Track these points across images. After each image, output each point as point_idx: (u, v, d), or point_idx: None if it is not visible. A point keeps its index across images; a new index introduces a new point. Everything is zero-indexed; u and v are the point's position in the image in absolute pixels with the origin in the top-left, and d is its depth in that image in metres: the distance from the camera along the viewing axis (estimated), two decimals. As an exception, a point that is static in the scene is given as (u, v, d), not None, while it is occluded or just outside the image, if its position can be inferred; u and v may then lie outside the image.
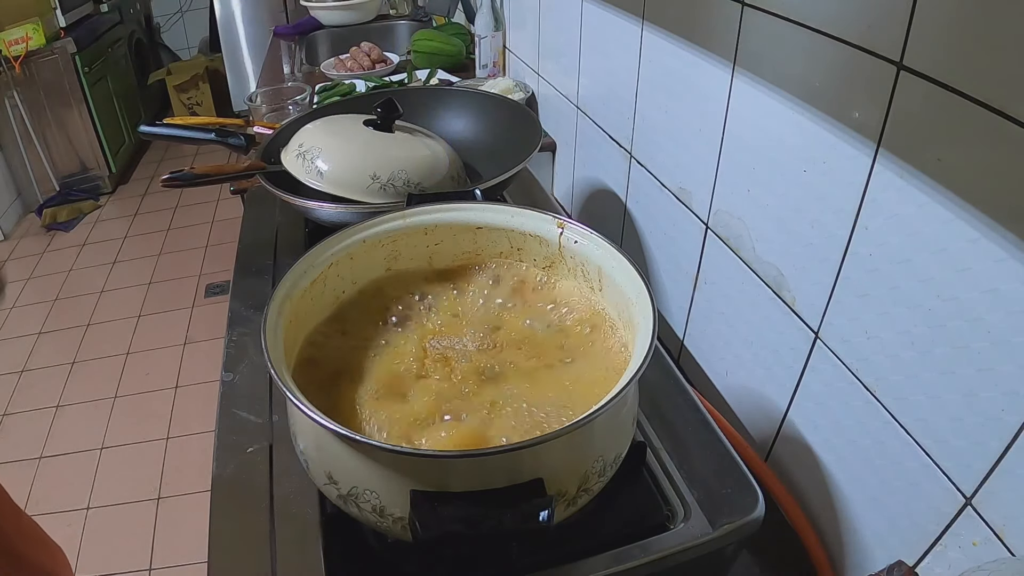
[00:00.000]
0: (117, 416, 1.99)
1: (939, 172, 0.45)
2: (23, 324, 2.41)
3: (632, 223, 0.99)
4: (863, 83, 0.51)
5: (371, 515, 0.45)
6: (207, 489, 0.58)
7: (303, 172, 0.80)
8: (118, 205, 3.17)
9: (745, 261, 0.71)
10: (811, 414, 0.64)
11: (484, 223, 0.63)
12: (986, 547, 0.46)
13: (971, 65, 0.42)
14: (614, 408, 0.43)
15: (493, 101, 1.02)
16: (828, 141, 0.56)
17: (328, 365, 0.56)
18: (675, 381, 0.65)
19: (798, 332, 0.64)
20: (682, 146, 0.81)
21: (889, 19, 0.47)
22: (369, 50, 1.75)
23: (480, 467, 0.43)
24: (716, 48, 0.70)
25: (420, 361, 0.57)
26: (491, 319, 0.61)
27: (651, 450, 0.59)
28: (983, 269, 0.43)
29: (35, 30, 2.77)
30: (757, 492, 0.54)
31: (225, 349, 0.74)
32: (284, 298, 0.53)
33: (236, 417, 0.65)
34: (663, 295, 0.92)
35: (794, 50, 0.58)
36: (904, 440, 0.52)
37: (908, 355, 0.51)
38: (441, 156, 0.84)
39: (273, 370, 0.44)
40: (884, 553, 0.57)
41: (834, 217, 0.56)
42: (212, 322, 2.32)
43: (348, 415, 0.52)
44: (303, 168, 0.80)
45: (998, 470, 0.44)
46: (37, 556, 0.66)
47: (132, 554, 1.57)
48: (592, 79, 1.07)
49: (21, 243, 2.92)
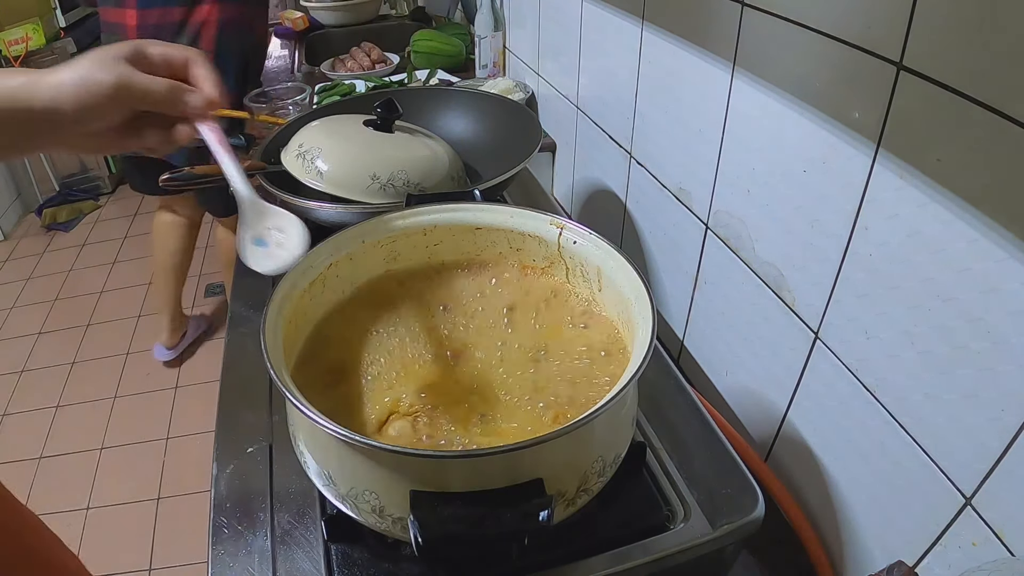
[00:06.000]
0: (117, 416, 1.99)
1: (939, 172, 0.45)
2: (23, 324, 2.41)
3: (632, 223, 0.99)
4: (863, 83, 0.51)
5: (371, 515, 0.45)
6: (207, 489, 0.58)
7: (303, 172, 0.80)
8: (118, 205, 3.17)
9: (745, 261, 0.71)
10: (811, 414, 0.64)
11: (483, 223, 0.63)
12: (986, 547, 0.46)
13: (971, 65, 0.42)
14: (613, 408, 0.43)
15: (493, 101, 1.02)
16: (828, 141, 0.56)
17: (328, 365, 0.56)
18: (675, 381, 0.65)
19: (798, 332, 0.64)
20: (682, 146, 0.81)
21: (889, 19, 0.47)
22: (369, 50, 1.75)
23: (480, 467, 0.43)
24: (716, 48, 0.70)
25: (420, 361, 0.57)
26: (491, 319, 0.61)
27: (651, 450, 0.59)
28: (983, 269, 0.43)
29: (35, 30, 2.76)
30: (757, 492, 0.54)
31: (225, 349, 0.74)
32: (284, 298, 0.53)
33: (236, 417, 0.65)
34: (663, 295, 0.92)
35: (794, 50, 0.58)
36: (904, 440, 0.52)
37: (908, 355, 0.51)
38: (441, 156, 0.84)
39: (273, 370, 0.44)
40: (884, 553, 0.57)
41: (834, 217, 0.56)
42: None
43: (348, 415, 0.52)
44: (303, 168, 0.80)
45: (998, 470, 0.44)
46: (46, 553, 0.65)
47: (132, 554, 1.57)
48: (592, 79, 1.07)
49: (21, 243, 2.91)
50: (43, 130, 0.48)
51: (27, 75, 0.47)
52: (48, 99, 0.47)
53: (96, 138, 0.51)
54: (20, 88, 0.47)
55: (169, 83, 0.51)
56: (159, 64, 0.51)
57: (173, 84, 0.51)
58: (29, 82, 0.47)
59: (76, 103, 0.47)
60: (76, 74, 0.47)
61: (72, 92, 0.47)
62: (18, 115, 0.47)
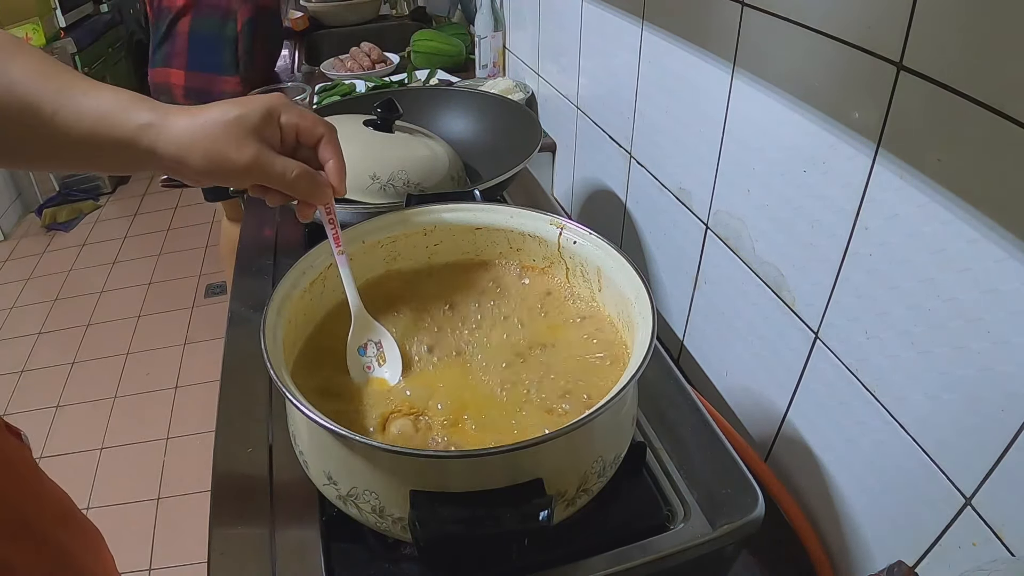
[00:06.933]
0: (117, 416, 1.99)
1: (939, 172, 0.45)
2: (23, 324, 2.41)
3: (632, 223, 0.99)
4: (863, 83, 0.51)
5: (371, 515, 0.45)
6: (207, 489, 0.58)
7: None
8: (118, 205, 3.17)
9: (745, 261, 0.71)
10: (811, 414, 0.64)
11: (483, 223, 0.63)
12: (986, 547, 0.46)
13: (971, 65, 0.42)
14: (613, 408, 0.43)
15: (493, 101, 1.02)
16: (828, 141, 0.56)
17: (328, 365, 0.56)
18: (675, 381, 0.65)
19: (798, 332, 0.64)
20: (682, 146, 0.81)
21: (889, 19, 0.47)
22: (369, 50, 1.75)
23: (480, 467, 0.43)
24: (716, 48, 0.70)
25: (420, 361, 0.57)
26: (491, 319, 0.61)
27: (651, 450, 0.59)
28: (983, 269, 0.43)
29: (35, 30, 2.76)
30: (757, 492, 0.54)
31: (225, 349, 0.74)
32: (284, 298, 0.53)
33: (236, 417, 0.65)
34: (663, 295, 0.92)
35: (794, 50, 0.58)
36: (904, 440, 0.52)
37: (908, 355, 0.51)
38: (441, 156, 0.84)
39: (272, 371, 0.44)
40: (884, 553, 0.57)
41: (834, 217, 0.56)
42: (212, 322, 2.32)
43: (348, 416, 0.52)
44: (303, 168, 0.80)
45: (998, 470, 0.44)
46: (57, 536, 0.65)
47: (132, 554, 1.57)
48: (592, 79, 1.07)
49: (21, 243, 2.91)
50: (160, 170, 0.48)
51: (150, 113, 0.46)
52: (174, 153, 0.46)
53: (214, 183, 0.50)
54: (143, 131, 0.46)
55: (302, 171, 0.49)
56: (287, 134, 0.50)
57: (306, 173, 0.50)
58: (156, 123, 0.46)
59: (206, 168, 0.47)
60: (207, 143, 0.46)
61: (202, 159, 0.46)
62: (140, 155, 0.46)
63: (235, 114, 0.47)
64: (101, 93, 0.46)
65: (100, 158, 0.48)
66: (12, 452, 0.63)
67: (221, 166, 0.47)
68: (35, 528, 0.62)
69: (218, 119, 0.47)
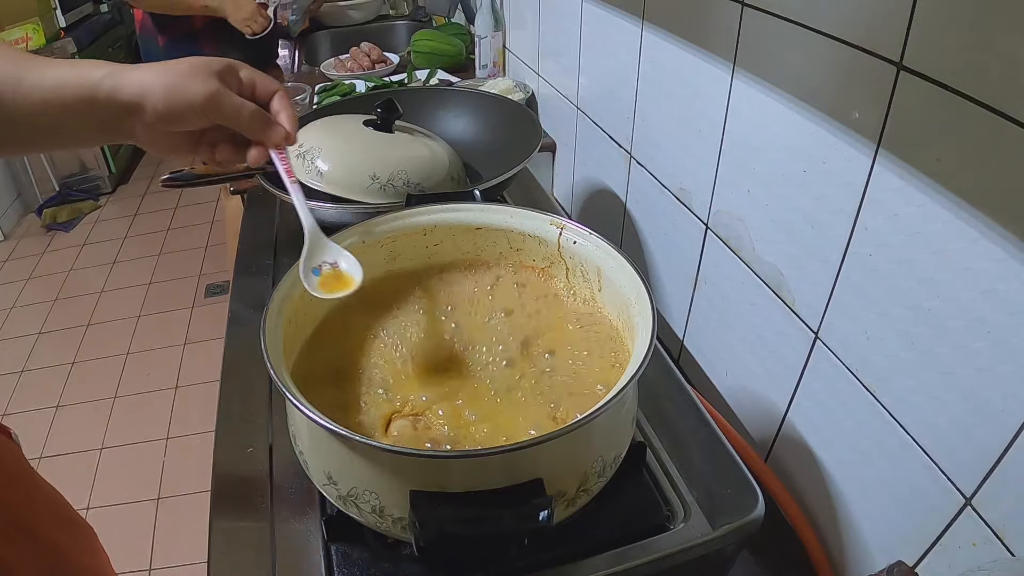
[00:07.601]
0: (117, 416, 1.99)
1: (939, 172, 0.45)
2: (23, 324, 2.41)
3: (632, 223, 0.99)
4: (863, 83, 0.51)
5: (371, 515, 0.45)
6: (207, 489, 0.58)
7: (303, 172, 0.80)
8: (118, 205, 3.17)
9: (745, 261, 0.71)
10: (811, 414, 0.64)
11: (483, 223, 0.63)
12: (986, 547, 0.46)
13: (971, 65, 0.42)
14: (613, 408, 0.43)
15: (493, 101, 1.02)
16: (828, 141, 0.56)
17: (327, 365, 0.56)
18: (675, 381, 0.65)
19: (798, 332, 0.64)
20: (682, 146, 0.81)
21: (889, 19, 0.47)
22: (369, 50, 1.75)
23: (480, 467, 0.43)
24: (716, 48, 0.70)
25: (421, 361, 0.57)
26: (491, 319, 0.61)
27: (651, 450, 0.59)
28: (983, 269, 0.43)
29: (35, 30, 2.76)
30: (757, 492, 0.54)
31: (225, 349, 0.74)
32: (284, 298, 0.53)
33: (236, 417, 0.65)
34: (663, 295, 0.92)
35: (794, 50, 0.58)
36: (904, 440, 0.52)
37: (908, 355, 0.51)
38: (441, 156, 0.84)
39: (272, 371, 0.44)
40: (884, 553, 0.57)
41: (834, 217, 0.56)
42: (212, 322, 2.32)
43: (348, 415, 0.52)
44: (303, 168, 0.80)
45: (998, 470, 0.44)
46: (52, 534, 0.65)
47: (132, 554, 1.57)
48: (592, 79, 1.07)
49: (21, 243, 2.91)
50: (123, 122, 0.50)
51: (109, 67, 0.49)
52: (135, 92, 0.48)
53: (169, 138, 0.52)
54: (105, 78, 0.48)
55: (257, 110, 0.52)
56: (246, 86, 0.53)
57: (260, 111, 0.53)
58: (113, 74, 0.48)
59: (165, 103, 0.48)
60: (169, 77, 0.49)
61: (162, 92, 0.48)
62: (101, 103, 0.48)
63: (200, 60, 0.51)
64: (61, 64, 0.49)
65: (63, 125, 0.49)
66: (1, 449, 0.63)
67: (181, 100, 0.49)
68: (30, 528, 0.61)
69: (183, 62, 0.50)
